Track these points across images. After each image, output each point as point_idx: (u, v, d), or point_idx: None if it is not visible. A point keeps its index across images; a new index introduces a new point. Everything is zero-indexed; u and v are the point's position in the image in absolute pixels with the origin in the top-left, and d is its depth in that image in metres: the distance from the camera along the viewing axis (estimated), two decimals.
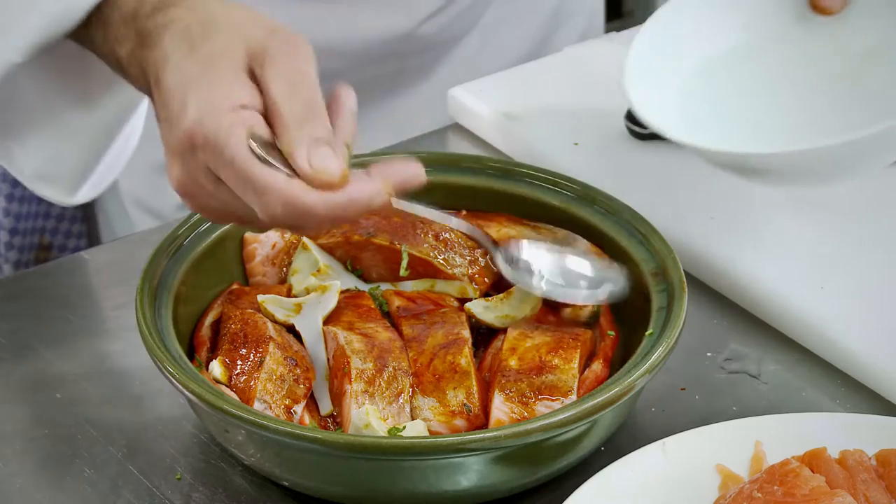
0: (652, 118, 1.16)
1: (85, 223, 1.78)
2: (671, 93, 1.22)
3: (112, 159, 1.24)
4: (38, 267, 1.32)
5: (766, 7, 1.27)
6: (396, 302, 1.12)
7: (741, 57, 1.26)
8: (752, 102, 1.26)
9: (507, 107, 1.43)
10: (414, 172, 0.98)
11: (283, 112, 0.95)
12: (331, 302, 1.10)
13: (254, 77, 0.97)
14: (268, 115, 0.96)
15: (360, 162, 1.21)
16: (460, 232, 1.16)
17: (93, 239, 1.80)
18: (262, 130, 0.95)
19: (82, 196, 1.24)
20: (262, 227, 1.00)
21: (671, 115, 1.20)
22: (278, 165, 0.94)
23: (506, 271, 1.10)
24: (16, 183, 1.69)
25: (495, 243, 1.12)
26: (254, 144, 0.94)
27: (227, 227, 1.15)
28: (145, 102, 1.22)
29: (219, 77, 0.96)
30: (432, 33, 1.54)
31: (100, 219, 1.77)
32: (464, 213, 1.20)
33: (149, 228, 1.36)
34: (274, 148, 0.95)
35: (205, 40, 0.98)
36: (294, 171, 0.94)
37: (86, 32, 1.09)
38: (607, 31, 1.68)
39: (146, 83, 1.02)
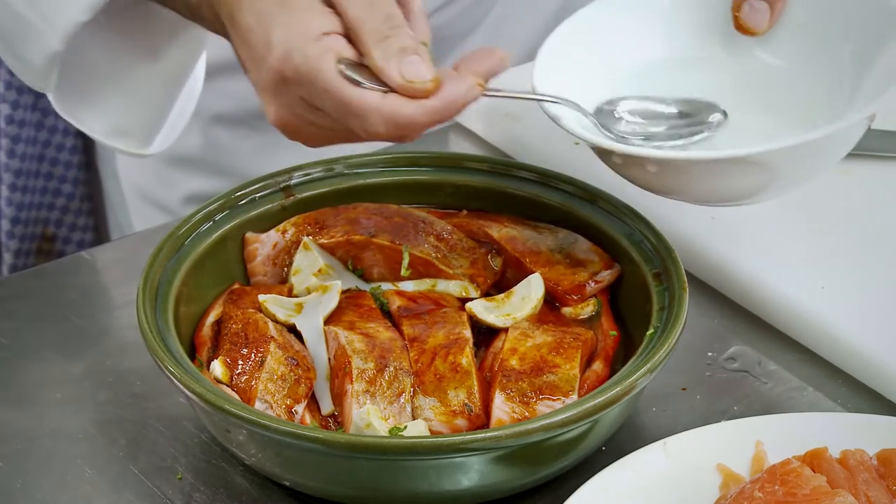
0: (558, 113, 1.12)
1: (91, 216, 1.79)
2: (584, 96, 1.18)
3: (180, 107, 1.26)
4: (39, 267, 1.32)
5: (691, 24, 1.25)
6: (397, 302, 1.12)
7: (662, 72, 1.24)
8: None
9: (508, 107, 1.43)
10: (498, 59, 1.00)
11: (365, 30, 0.97)
12: (332, 302, 1.11)
13: (329, 3, 0.98)
14: (351, 36, 0.98)
15: (362, 162, 1.21)
16: (461, 233, 1.16)
17: (99, 232, 1.80)
18: (349, 53, 0.97)
19: (156, 146, 1.26)
20: (368, 140, 1.01)
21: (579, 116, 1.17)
22: (371, 84, 0.96)
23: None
24: (19, 173, 1.69)
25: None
26: (344, 68, 0.95)
27: (228, 226, 1.15)
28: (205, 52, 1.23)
29: (296, 8, 0.97)
30: (437, 29, 1.54)
31: (107, 212, 1.77)
32: (465, 213, 1.20)
33: (149, 228, 1.36)
34: (363, 67, 0.97)
35: None
36: (387, 86, 0.96)
37: None
38: None
39: (220, 25, 1.03)
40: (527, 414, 1.02)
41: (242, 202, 1.17)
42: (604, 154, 1.11)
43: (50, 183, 1.74)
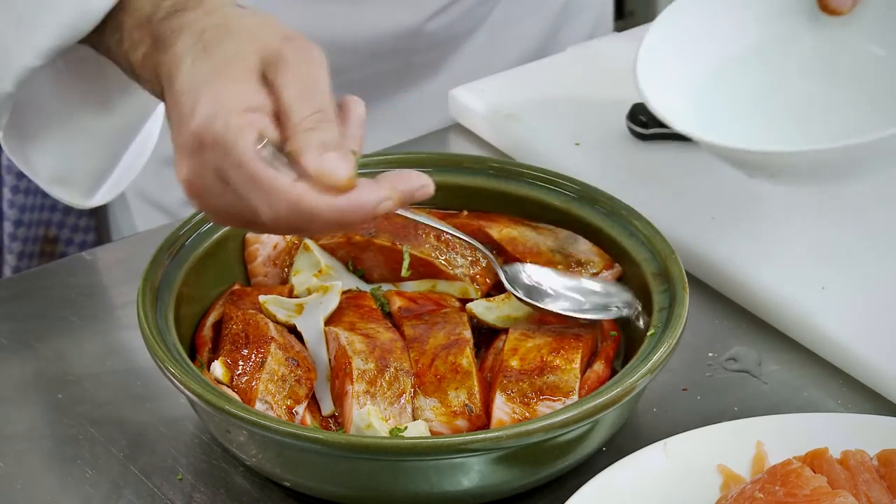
0: (666, 114, 1.16)
1: (93, 217, 1.79)
2: (682, 90, 1.21)
3: (129, 162, 1.25)
4: (40, 267, 1.32)
5: (777, 7, 1.26)
6: (398, 302, 1.12)
7: (752, 57, 1.26)
8: (764, 102, 1.26)
9: (508, 107, 1.43)
10: (421, 183, 0.98)
11: (294, 116, 0.96)
12: (332, 302, 1.11)
13: (266, 82, 0.98)
14: (278, 120, 0.97)
15: (363, 162, 1.21)
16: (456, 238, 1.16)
17: (101, 233, 1.80)
18: (271, 134, 0.96)
19: (99, 199, 1.25)
20: (264, 231, 1.01)
21: (683, 111, 1.20)
22: (286, 169, 0.95)
23: (509, 288, 1.10)
24: (21, 175, 1.69)
25: (498, 258, 1.13)
26: (262, 146, 0.94)
27: (229, 227, 1.15)
28: (161, 106, 1.22)
29: (231, 80, 0.97)
30: (439, 30, 1.54)
31: (108, 213, 1.77)
32: (465, 213, 1.20)
33: (150, 229, 1.36)
34: (282, 152, 0.95)
35: (219, 44, 0.99)
36: (300, 176, 0.95)
37: (100, 38, 1.09)
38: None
39: (159, 86, 1.03)
40: (527, 414, 1.02)
41: None
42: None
43: None
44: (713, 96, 1.24)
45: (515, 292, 1.10)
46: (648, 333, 1.05)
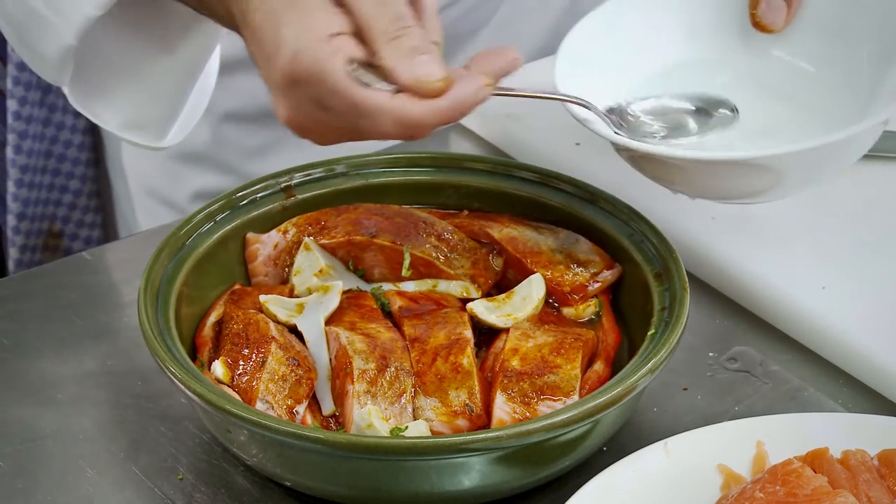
0: (583, 115, 1.14)
1: (99, 213, 1.79)
2: (605, 96, 1.19)
3: (194, 101, 1.26)
4: (41, 267, 1.32)
5: (708, 22, 1.25)
6: (398, 302, 1.12)
7: (681, 72, 1.24)
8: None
9: (508, 107, 1.43)
10: (511, 58, 1.00)
11: (375, 29, 0.97)
12: (333, 302, 1.11)
13: (339, 2, 0.99)
14: (361, 36, 0.98)
15: (363, 162, 1.21)
16: (462, 233, 1.16)
17: (107, 228, 1.80)
18: (359, 53, 0.97)
19: (170, 139, 1.27)
20: (378, 139, 1.02)
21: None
22: (381, 84, 0.96)
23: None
24: (25, 169, 1.70)
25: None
26: (353, 69, 0.95)
27: (230, 227, 1.15)
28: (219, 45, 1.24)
29: (306, 8, 0.98)
30: (444, 27, 1.54)
31: (115, 209, 1.77)
32: (465, 213, 1.20)
33: (151, 228, 1.36)
34: (374, 68, 0.97)
35: None
36: (397, 86, 0.96)
37: None
38: None
39: (233, 22, 1.03)
40: (528, 414, 1.02)
41: (244, 202, 1.17)
42: (620, 150, 1.13)
43: (57, 179, 1.75)
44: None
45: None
46: (649, 333, 1.05)
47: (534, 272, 1.13)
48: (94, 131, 1.75)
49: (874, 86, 1.17)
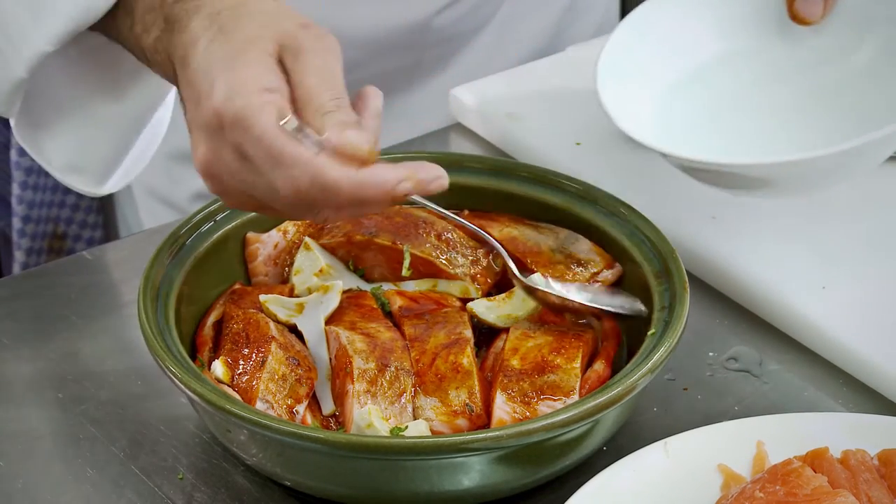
0: (628, 126, 1.15)
1: (101, 214, 1.79)
2: (647, 100, 1.20)
3: (140, 149, 1.26)
4: (41, 266, 1.32)
5: (745, 15, 1.25)
6: (398, 302, 1.12)
7: (719, 67, 1.25)
8: (731, 113, 1.26)
9: (508, 107, 1.43)
10: (437, 174, 1.00)
11: (313, 103, 0.97)
12: (333, 302, 1.11)
13: (283, 68, 0.98)
14: (295, 106, 0.97)
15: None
16: (462, 232, 1.16)
17: (109, 229, 1.80)
18: (289, 114, 0.96)
19: (111, 186, 1.26)
20: (277, 214, 1.01)
21: (647, 123, 1.19)
22: (308, 142, 0.95)
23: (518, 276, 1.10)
24: (30, 171, 1.70)
25: (499, 258, 1.13)
26: (284, 122, 0.95)
27: (230, 226, 1.15)
28: (173, 93, 1.23)
29: (249, 62, 0.98)
30: (447, 25, 1.55)
31: (116, 209, 1.77)
32: (466, 213, 1.20)
33: (151, 228, 1.36)
34: (301, 131, 0.96)
35: (235, 26, 1.00)
36: (322, 148, 0.96)
37: (113, 22, 1.10)
38: None
39: (171, 69, 1.03)
40: (528, 414, 1.02)
41: None
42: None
43: None
44: (679, 109, 1.23)
45: (524, 279, 1.10)
46: (649, 333, 1.05)
47: (534, 272, 1.13)
48: None
49: None
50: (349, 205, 0.97)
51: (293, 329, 1.10)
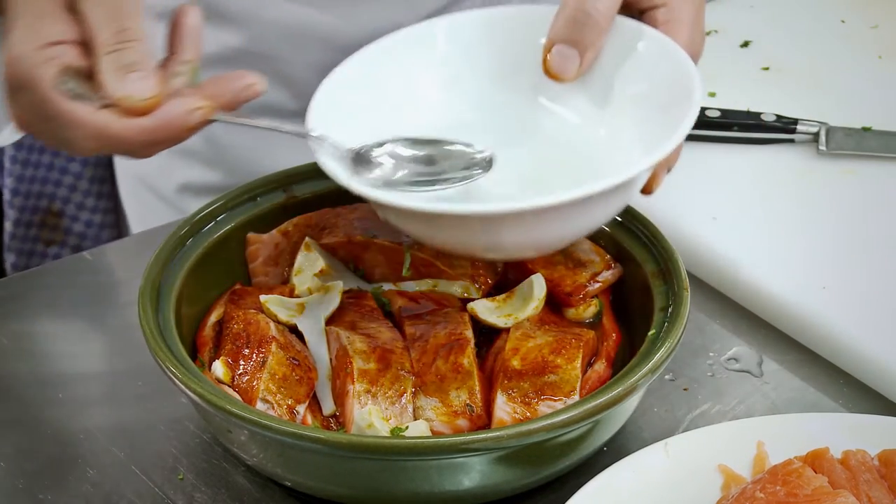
0: (332, 168, 1.04)
1: (101, 198, 1.79)
2: (356, 138, 1.07)
3: None
4: (40, 267, 1.32)
5: (470, 64, 1.17)
6: (399, 302, 1.12)
7: (434, 113, 1.16)
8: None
9: None
10: (246, 83, 0.98)
11: (98, 40, 0.96)
12: (333, 302, 1.11)
13: (73, 9, 0.98)
14: (86, 47, 0.97)
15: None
16: None
17: (106, 213, 1.80)
18: (79, 63, 0.96)
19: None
20: (84, 154, 1.01)
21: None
22: (92, 97, 0.95)
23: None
24: (20, 146, 1.70)
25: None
26: (64, 80, 0.95)
27: (230, 227, 1.15)
28: None
29: (35, 13, 0.97)
30: None
31: (118, 194, 1.77)
32: None
33: (152, 228, 1.36)
34: (90, 79, 0.96)
35: None
36: (106, 104, 0.95)
37: None
38: None
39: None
40: (528, 414, 1.02)
41: (244, 202, 1.17)
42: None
43: (57, 160, 1.75)
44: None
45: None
46: (649, 333, 1.05)
47: (534, 272, 1.13)
48: None
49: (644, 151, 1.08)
50: (147, 146, 0.97)
51: (293, 329, 1.10)
